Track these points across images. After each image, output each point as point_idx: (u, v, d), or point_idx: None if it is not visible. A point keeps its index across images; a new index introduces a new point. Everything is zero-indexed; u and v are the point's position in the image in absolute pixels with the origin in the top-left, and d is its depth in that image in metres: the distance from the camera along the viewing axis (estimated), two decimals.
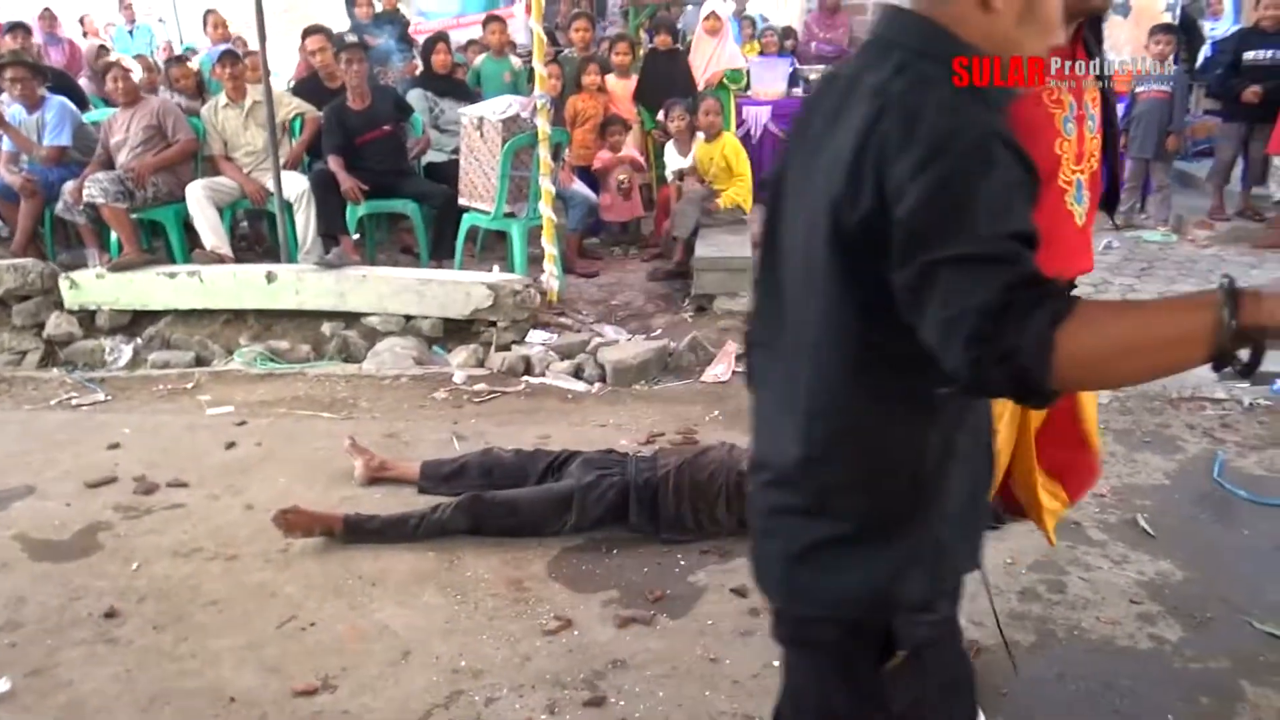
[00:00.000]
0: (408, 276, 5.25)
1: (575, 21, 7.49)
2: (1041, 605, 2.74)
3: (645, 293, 5.97)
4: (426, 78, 6.90)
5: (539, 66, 5.22)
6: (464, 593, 2.86)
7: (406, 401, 4.41)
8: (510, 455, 3.44)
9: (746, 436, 3.75)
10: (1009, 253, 1.09)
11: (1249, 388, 4.28)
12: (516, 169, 5.56)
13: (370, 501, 3.40)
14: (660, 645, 2.60)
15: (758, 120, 8.18)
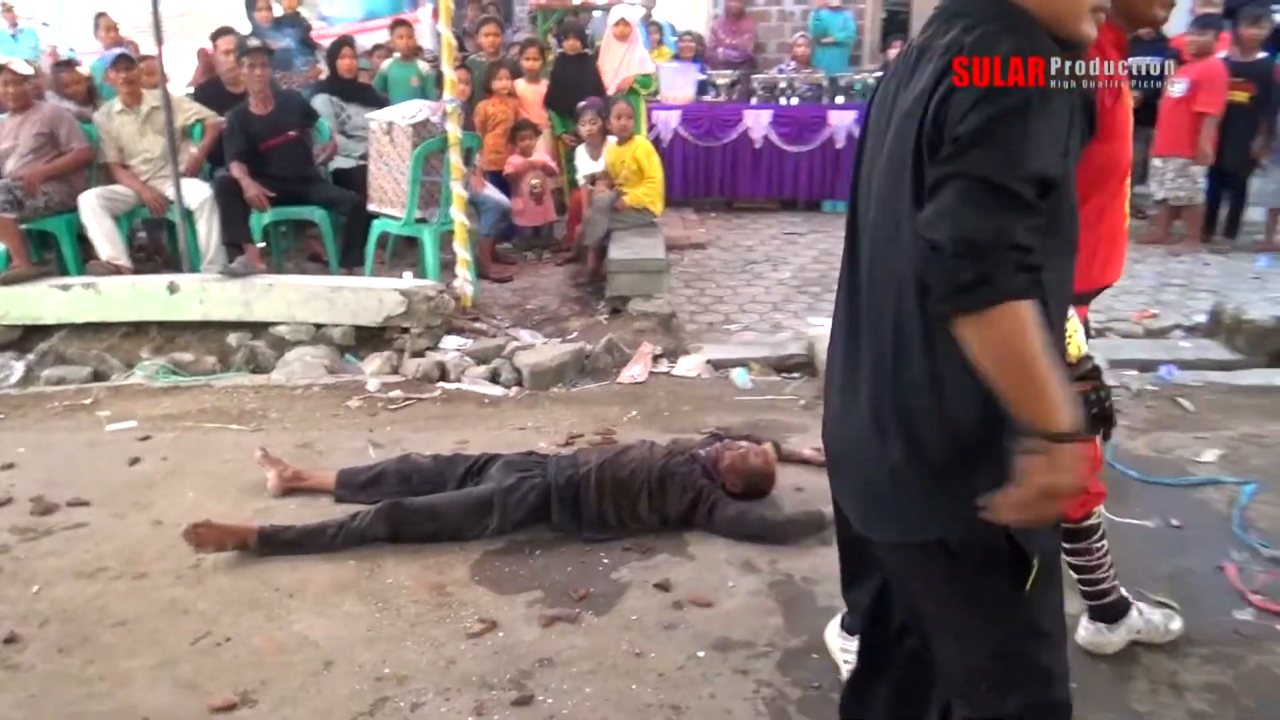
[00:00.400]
0: (317, 284, 5.16)
1: (484, 26, 7.47)
2: None
3: (560, 296, 5.98)
4: (332, 82, 6.79)
5: (448, 71, 5.19)
6: (385, 600, 2.83)
7: (319, 411, 4.34)
8: (428, 461, 3.42)
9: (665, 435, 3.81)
10: (1024, 195, 1.30)
11: (1138, 375, 4.51)
12: (427, 174, 5.52)
13: (285, 513, 3.33)
14: (585, 642, 2.62)
15: (668, 125, 8.29)
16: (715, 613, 2.73)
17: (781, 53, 9.96)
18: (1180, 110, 6.72)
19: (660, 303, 5.47)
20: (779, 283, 6.48)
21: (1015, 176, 1.30)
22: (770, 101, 8.46)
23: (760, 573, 2.93)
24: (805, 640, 2.60)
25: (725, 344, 5.21)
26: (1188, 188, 6.85)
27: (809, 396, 4.39)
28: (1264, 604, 2.73)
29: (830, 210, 8.52)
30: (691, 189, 8.52)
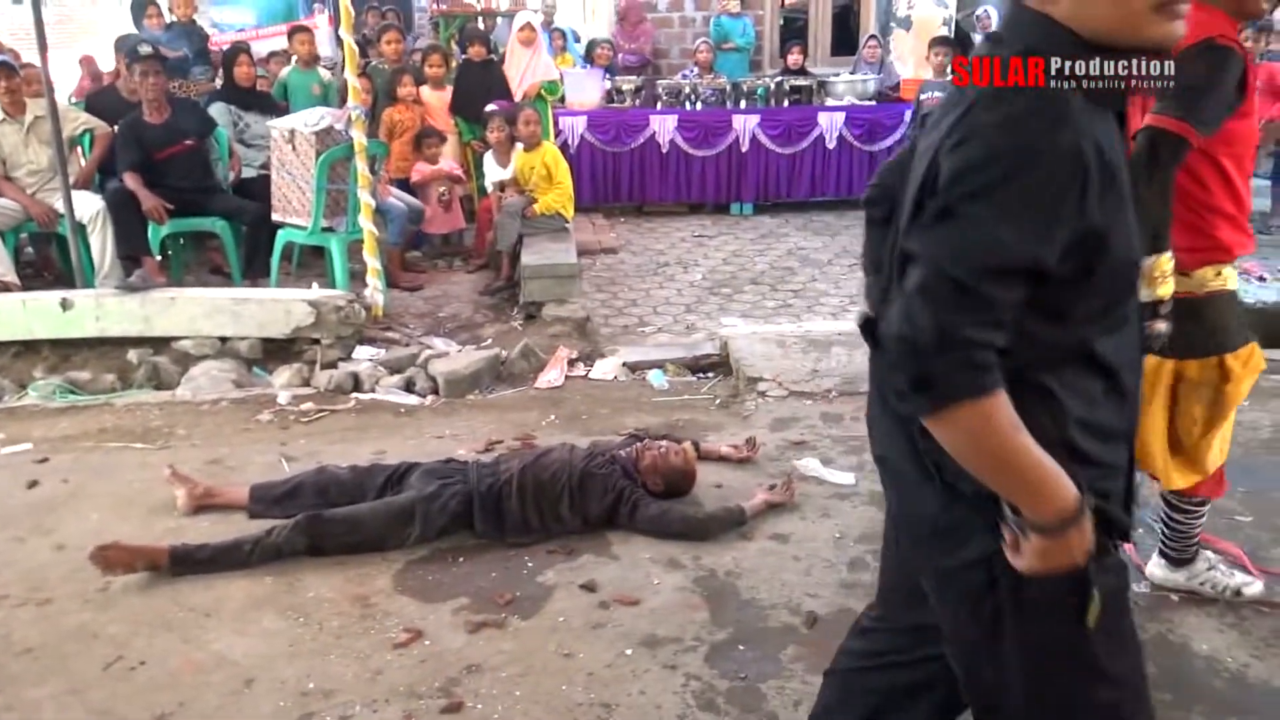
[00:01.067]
0: (221, 296, 5.02)
1: (385, 34, 7.39)
2: (870, 573, 2.92)
3: (473, 303, 5.95)
4: (228, 91, 6.61)
5: (351, 78, 5.11)
6: (307, 614, 2.78)
7: (228, 426, 4.22)
8: (346, 472, 3.36)
9: (585, 438, 3.82)
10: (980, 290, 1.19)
11: None
12: (332, 182, 5.42)
13: (197, 531, 3.24)
14: (513, 646, 2.62)
15: (575, 130, 8.31)
16: (641, 610, 2.76)
17: (685, 58, 10.08)
18: None
19: (574, 307, 5.49)
20: (691, 285, 6.57)
21: (971, 269, 1.18)
22: (675, 106, 8.56)
23: (684, 569, 2.97)
24: (731, 633, 2.65)
25: (640, 346, 5.26)
26: None
27: (724, 395, 4.46)
28: None
29: (737, 213, 8.66)
30: (601, 194, 8.56)
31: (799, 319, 5.68)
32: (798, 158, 8.56)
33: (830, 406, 4.22)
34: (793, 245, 7.59)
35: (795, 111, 8.57)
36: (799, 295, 6.29)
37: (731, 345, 4.82)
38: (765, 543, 3.11)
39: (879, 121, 8.50)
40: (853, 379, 4.43)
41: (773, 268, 6.96)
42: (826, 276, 6.70)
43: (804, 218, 8.50)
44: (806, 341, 4.79)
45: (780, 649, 2.57)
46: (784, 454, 3.77)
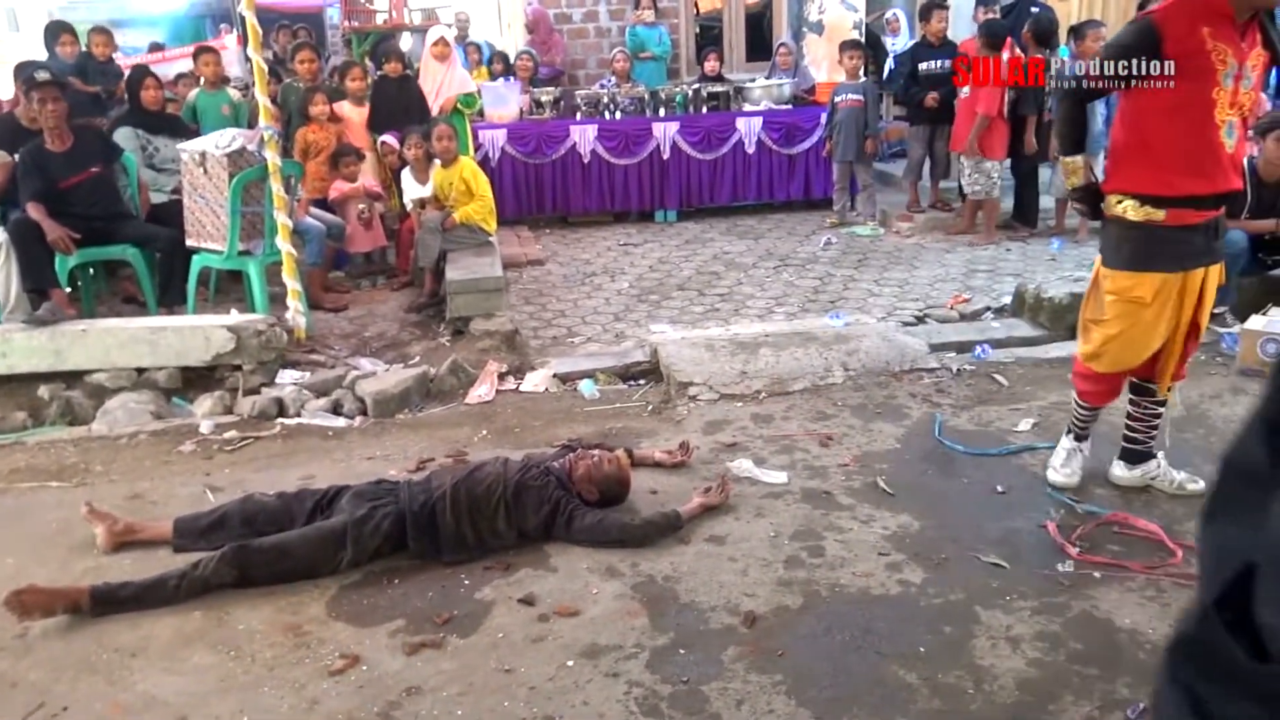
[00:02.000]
0: (136, 326, 4.87)
1: (299, 53, 7.27)
2: (805, 570, 2.97)
3: (399, 322, 5.87)
4: (135, 114, 6.42)
5: (262, 98, 5.02)
6: (238, 647, 2.71)
7: (148, 459, 4.10)
8: (273, 499, 3.29)
9: (518, 451, 3.80)
10: None
11: (957, 356, 4.83)
12: (247, 204, 5.31)
13: (120, 569, 3.13)
14: (453, 665, 2.59)
15: (495, 144, 8.28)
16: (581, 620, 2.75)
17: (602, 68, 10.12)
18: (967, 109, 7.23)
19: (502, 321, 5.46)
20: (618, 293, 6.58)
21: None
22: (595, 116, 8.58)
23: (623, 576, 2.97)
24: (671, 637, 2.65)
25: (570, 357, 5.25)
26: (983, 183, 7.37)
27: (656, 401, 4.48)
28: (1081, 555, 2.98)
29: (662, 220, 8.72)
30: (525, 206, 8.54)
31: (726, 322, 5.73)
32: (718, 163, 8.65)
33: (760, 407, 4.27)
34: (717, 250, 7.66)
35: (714, 118, 8.66)
36: (725, 299, 6.35)
37: (661, 351, 4.84)
38: (702, 545, 3.13)
39: (796, 125, 8.64)
40: (781, 379, 4.48)
41: (699, 273, 7.01)
42: (751, 279, 6.77)
43: (727, 222, 8.59)
44: (735, 344, 4.84)
45: (721, 650, 2.59)
46: (717, 456, 3.80)
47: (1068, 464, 3.43)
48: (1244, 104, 2.83)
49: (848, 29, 9.18)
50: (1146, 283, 2.99)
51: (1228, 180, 2.90)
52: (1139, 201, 2.95)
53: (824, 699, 2.38)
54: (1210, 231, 2.98)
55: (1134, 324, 3.05)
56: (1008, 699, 2.36)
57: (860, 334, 4.94)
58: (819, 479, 3.57)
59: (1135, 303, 3.02)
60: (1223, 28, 2.79)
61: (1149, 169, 2.92)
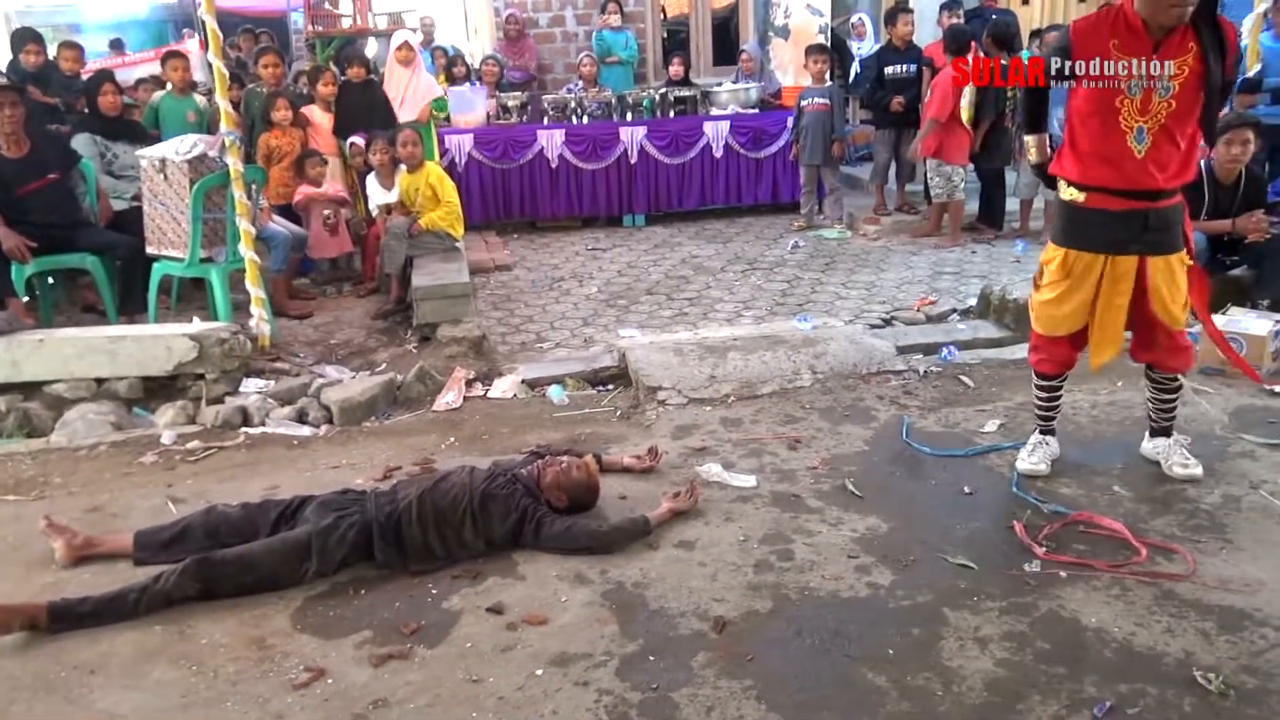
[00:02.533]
0: (95, 335, 4.79)
1: (263, 57, 7.18)
2: (774, 573, 2.97)
3: (365, 328, 5.82)
4: (94, 120, 6.32)
5: (223, 103, 4.95)
6: (200, 662, 2.66)
7: (109, 471, 4.03)
8: (236, 510, 3.24)
9: (486, 458, 3.77)
10: None
11: (923, 358, 4.85)
12: (209, 211, 5.24)
13: (79, 584, 3.07)
14: (420, 677, 2.55)
15: (461, 149, 8.24)
16: (550, 629, 2.73)
17: (569, 73, 10.11)
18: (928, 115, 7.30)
19: (469, 326, 5.42)
20: (587, 298, 6.57)
21: None
22: (562, 121, 8.57)
23: (592, 584, 2.95)
24: (641, 644, 2.64)
25: (539, 362, 5.22)
26: (945, 186, 7.43)
27: (625, 406, 4.46)
28: (1048, 555, 3.00)
29: (630, 225, 8.71)
30: (492, 212, 8.50)
31: (695, 326, 5.73)
32: (686, 167, 8.66)
33: (729, 411, 4.27)
34: (686, 254, 7.67)
35: (681, 122, 8.68)
36: (694, 303, 6.36)
37: (630, 356, 4.83)
38: (671, 551, 3.12)
39: (763, 129, 8.67)
40: (750, 383, 4.49)
41: (667, 277, 7.01)
42: (720, 283, 6.78)
43: (696, 226, 8.60)
44: (703, 348, 4.84)
45: (691, 656, 2.58)
46: (686, 461, 3.79)
47: (1034, 453, 3.57)
48: (1160, 112, 3.03)
49: (813, 33, 9.23)
50: (1064, 257, 3.27)
51: (1145, 179, 3.10)
52: (1067, 183, 3.27)
53: (793, 703, 2.38)
54: (1138, 221, 3.15)
55: (1057, 293, 3.31)
56: (976, 700, 2.37)
57: (828, 337, 4.96)
58: (788, 482, 3.57)
59: (1056, 272, 3.30)
60: (1132, 40, 3.02)
61: (1074, 157, 3.22)
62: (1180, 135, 3.07)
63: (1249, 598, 2.74)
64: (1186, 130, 3.09)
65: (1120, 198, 3.14)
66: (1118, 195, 3.14)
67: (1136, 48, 3.02)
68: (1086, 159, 3.18)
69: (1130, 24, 3.03)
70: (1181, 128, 3.06)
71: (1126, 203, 3.14)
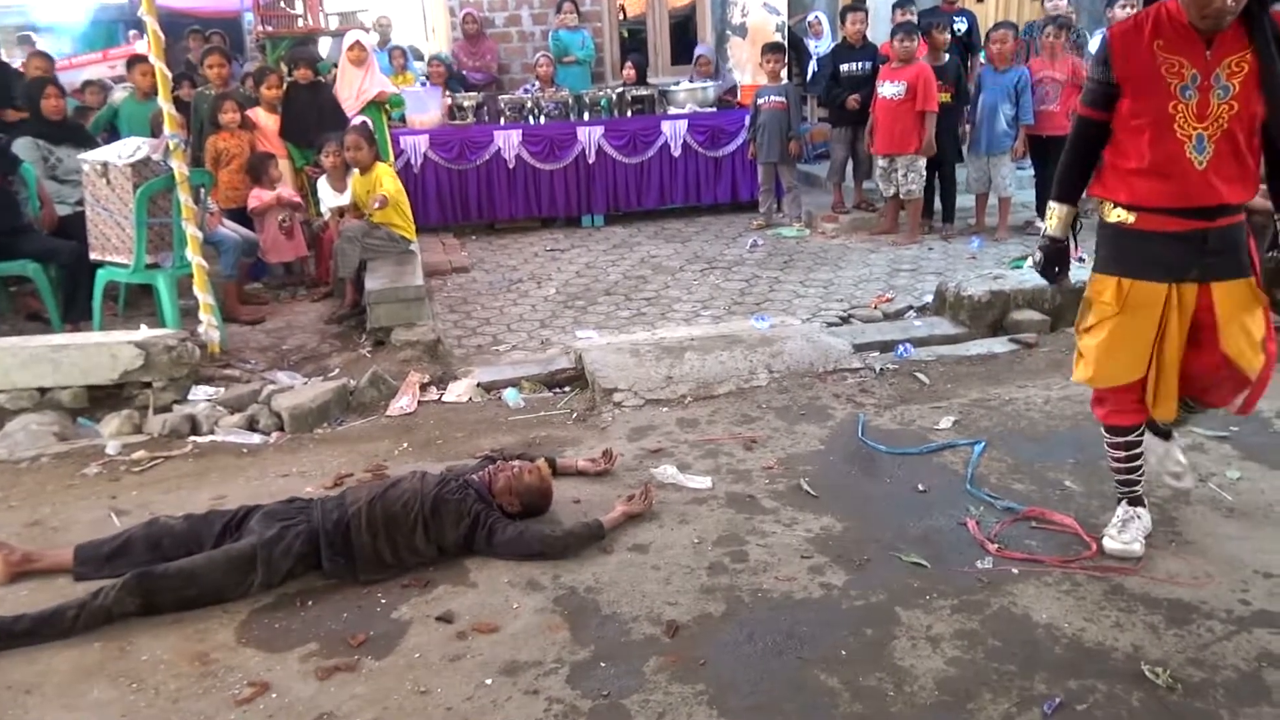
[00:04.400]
0: (37, 344, 4.66)
1: (208, 57, 7.05)
2: (728, 575, 2.95)
3: (319, 333, 5.73)
4: (36, 124, 6.17)
5: (166, 105, 4.84)
6: (140, 679, 2.59)
7: (50, 483, 3.92)
8: (180, 522, 3.16)
9: (440, 463, 3.72)
10: None
11: (880, 355, 4.87)
12: (154, 216, 5.13)
13: (15, 601, 2.98)
14: (367, 689, 2.50)
15: (417, 149, 8.16)
16: (501, 637, 2.69)
17: (526, 73, 10.05)
18: (903, 110, 7.27)
19: (424, 330, 5.36)
20: (545, 299, 6.52)
21: None
22: (519, 121, 8.51)
23: (544, 590, 2.91)
24: (592, 650, 2.61)
25: (495, 365, 5.17)
26: (917, 181, 7.45)
27: (581, 408, 4.43)
28: (1001, 552, 3.00)
29: (589, 225, 8.67)
30: (449, 213, 8.42)
31: (653, 326, 5.70)
32: (645, 167, 8.64)
33: (686, 412, 4.25)
34: (645, 254, 7.64)
35: (638, 121, 8.65)
36: (652, 303, 6.33)
37: (586, 358, 4.80)
38: (625, 554, 3.09)
39: (721, 127, 8.67)
40: (707, 383, 4.47)
41: (625, 277, 6.98)
42: (679, 283, 6.76)
43: (655, 226, 8.58)
44: (660, 349, 4.81)
45: (643, 661, 2.55)
46: (642, 463, 3.77)
47: (1126, 529, 3.02)
48: (1222, 116, 2.67)
49: (770, 32, 9.25)
50: (1114, 287, 2.85)
51: (1207, 194, 2.72)
52: (1112, 205, 2.86)
53: (745, 707, 2.36)
54: (1197, 243, 2.75)
55: (1112, 332, 2.86)
56: (927, 700, 2.37)
57: (785, 336, 4.96)
58: (743, 483, 3.56)
59: (1106, 307, 2.87)
60: (1180, 38, 2.69)
61: (1120, 175, 2.83)
62: (1245, 142, 2.71)
63: (1197, 590, 2.77)
64: (1252, 136, 2.71)
65: (1178, 217, 2.75)
66: (1175, 215, 2.75)
67: (1186, 46, 2.67)
68: (1137, 176, 2.79)
69: (1175, 20, 2.70)
70: (1246, 133, 2.70)
71: (1185, 222, 2.74)
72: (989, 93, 7.27)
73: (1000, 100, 7.22)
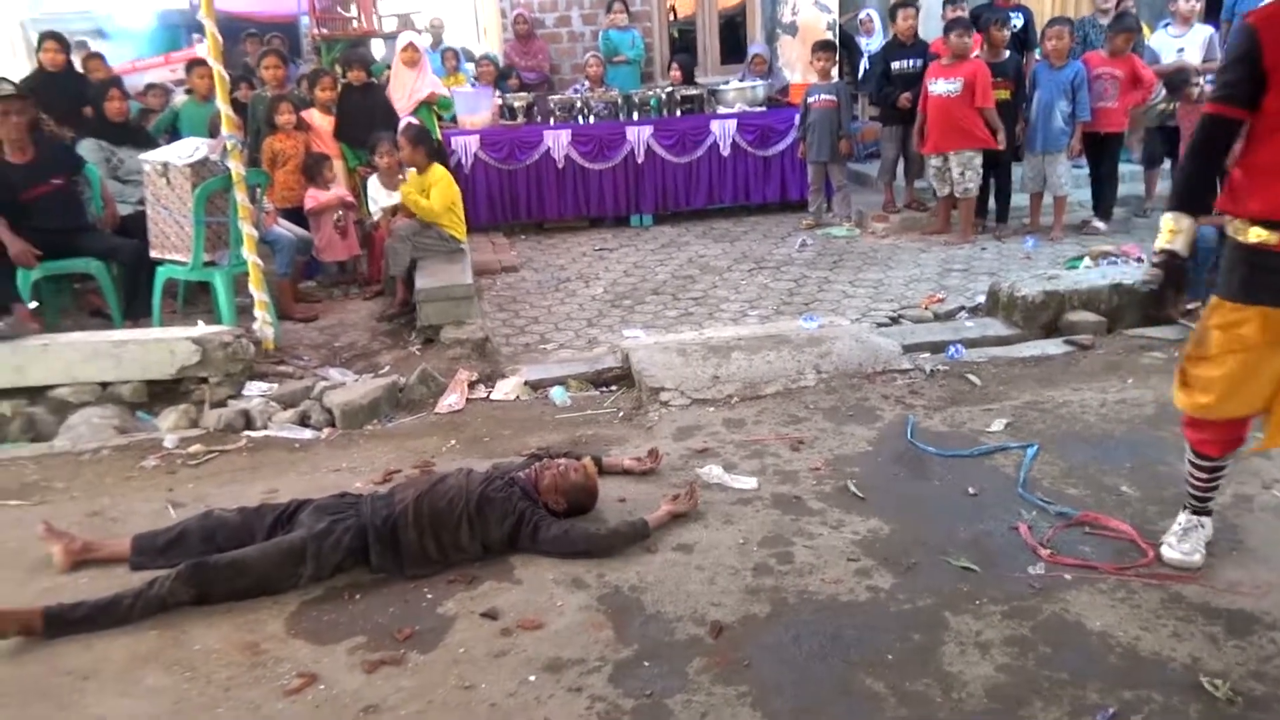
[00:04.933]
0: (99, 340, 4.79)
1: (264, 59, 7.19)
2: (773, 577, 2.92)
3: (370, 331, 5.81)
4: (100, 125, 6.34)
5: (224, 106, 4.94)
6: (193, 668, 2.64)
7: (110, 475, 4.02)
8: (234, 514, 3.22)
9: (487, 461, 3.74)
10: None
11: (930, 356, 4.80)
12: (212, 215, 5.24)
13: (76, 589, 3.06)
14: (413, 683, 2.53)
15: (468, 149, 8.23)
16: (545, 634, 2.70)
17: (576, 73, 10.09)
18: (959, 106, 7.13)
19: (473, 328, 5.40)
20: (592, 299, 6.54)
21: None
22: (568, 121, 8.54)
23: (588, 588, 2.92)
24: (636, 649, 2.60)
25: (542, 364, 5.20)
26: (974, 180, 7.32)
27: (627, 407, 4.43)
28: (1053, 558, 2.94)
29: (637, 225, 8.68)
30: (499, 213, 8.48)
31: (700, 326, 5.69)
32: (694, 166, 8.62)
33: (732, 412, 4.23)
34: (693, 254, 7.62)
35: (688, 121, 8.63)
36: (700, 303, 6.31)
37: (633, 357, 4.80)
38: (669, 554, 3.08)
39: (771, 127, 8.61)
40: (753, 383, 4.45)
41: (673, 277, 6.97)
42: (726, 283, 6.74)
43: (703, 225, 8.56)
44: (707, 349, 4.80)
45: (686, 662, 2.54)
46: (687, 463, 3.75)
47: (1187, 538, 2.88)
48: None
49: (821, 30, 9.17)
50: (1258, 319, 2.53)
51: None
52: (1248, 222, 2.54)
53: (789, 710, 2.34)
54: None
55: (1243, 365, 2.57)
56: (976, 706, 2.32)
57: (833, 336, 4.91)
58: (789, 484, 3.53)
59: (1242, 339, 2.56)
60: None
61: (1259, 189, 2.52)
62: None
63: (1258, 601, 2.68)
64: None
65: None
66: None
67: None
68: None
69: None
70: None
71: None
72: (1045, 90, 7.13)
73: (1056, 97, 7.08)
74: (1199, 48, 7.59)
